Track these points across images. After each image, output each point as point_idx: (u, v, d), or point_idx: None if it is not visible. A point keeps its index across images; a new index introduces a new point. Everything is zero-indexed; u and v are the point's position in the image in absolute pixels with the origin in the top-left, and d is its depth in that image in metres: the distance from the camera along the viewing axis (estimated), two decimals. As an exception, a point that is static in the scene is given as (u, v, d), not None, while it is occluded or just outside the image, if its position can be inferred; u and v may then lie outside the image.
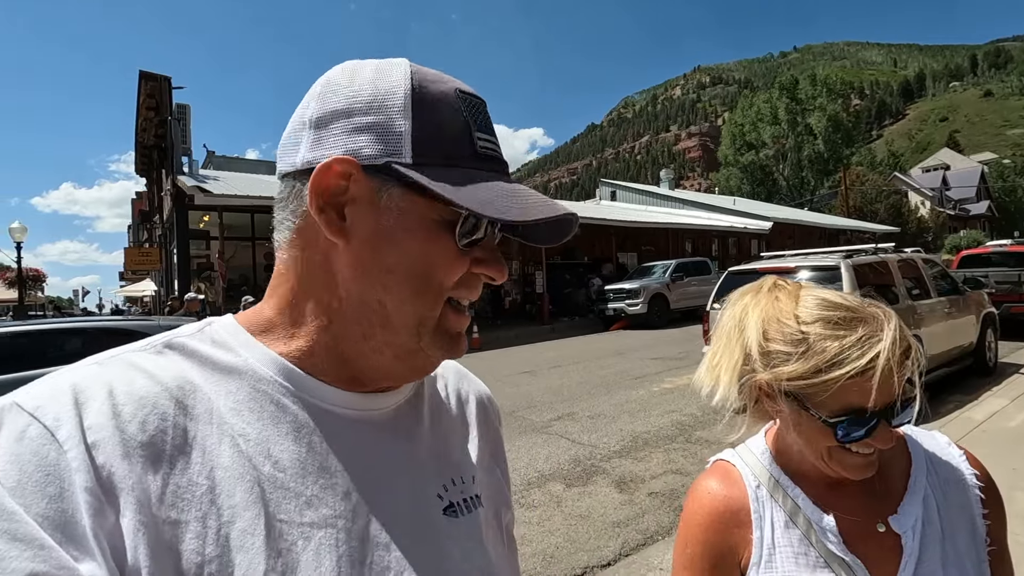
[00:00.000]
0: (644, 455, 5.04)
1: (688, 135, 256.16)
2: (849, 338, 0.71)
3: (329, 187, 0.48)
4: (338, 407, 0.52)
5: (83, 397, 0.43)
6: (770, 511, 0.82)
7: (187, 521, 0.42)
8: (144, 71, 14.60)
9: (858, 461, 0.75)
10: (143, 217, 25.79)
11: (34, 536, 0.38)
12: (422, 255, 0.49)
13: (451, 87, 0.52)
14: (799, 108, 48.81)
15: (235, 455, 0.46)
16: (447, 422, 0.63)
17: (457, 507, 0.56)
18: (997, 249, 12.40)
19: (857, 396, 0.70)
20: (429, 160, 0.49)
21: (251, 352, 0.51)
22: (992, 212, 59.28)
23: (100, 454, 0.41)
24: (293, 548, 0.45)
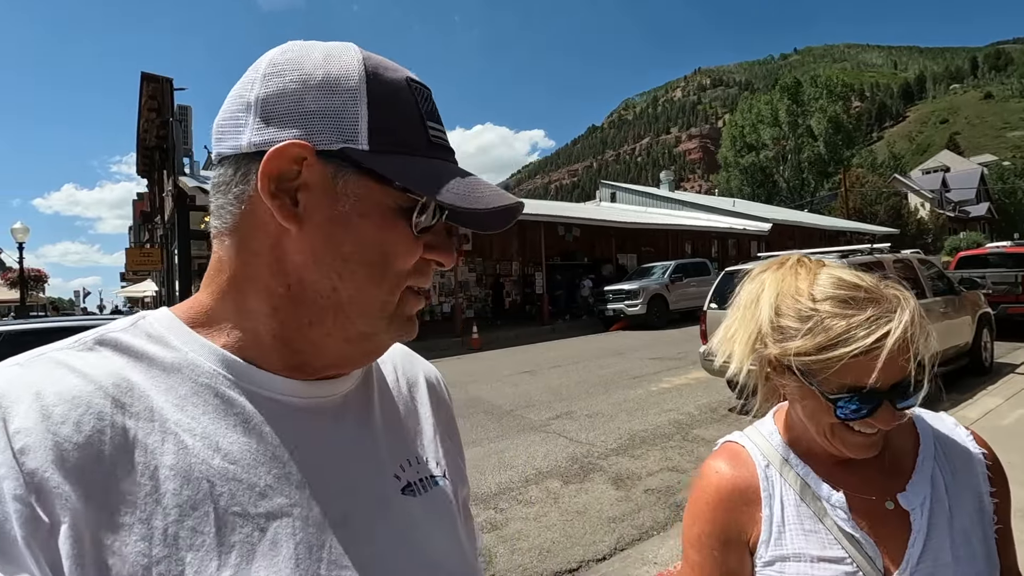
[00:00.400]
0: (641, 453, 5.08)
1: (688, 137, 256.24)
2: (857, 317, 0.71)
3: (282, 171, 0.47)
4: (286, 396, 0.51)
5: (7, 400, 0.41)
6: (779, 489, 0.82)
7: (130, 524, 0.41)
8: (146, 72, 14.65)
9: (859, 440, 0.75)
10: (144, 218, 25.85)
11: None
12: (379, 242, 0.49)
13: (402, 75, 0.52)
14: (800, 110, 48.86)
15: (181, 452, 0.44)
16: (398, 405, 0.63)
17: (415, 486, 0.56)
18: (995, 250, 12.44)
19: (861, 375, 0.70)
20: (385, 147, 0.48)
21: (189, 345, 0.49)
22: (992, 214, 59.26)
23: (30, 460, 0.39)
24: (248, 540, 0.44)
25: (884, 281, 0.77)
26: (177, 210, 13.66)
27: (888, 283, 0.77)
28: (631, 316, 15.25)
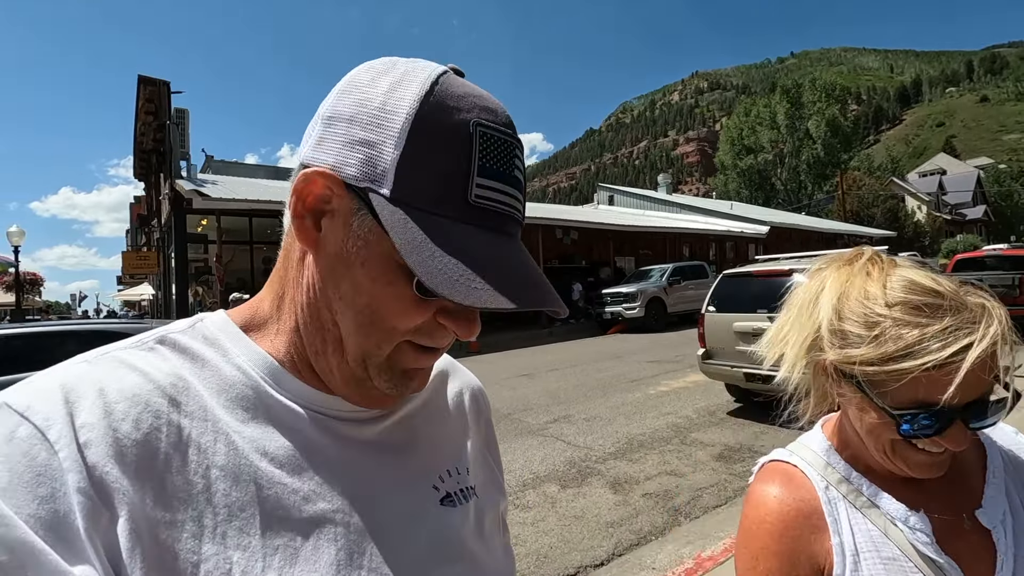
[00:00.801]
0: (639, 457, 5.06)
1: (686, 140, 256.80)
2: (931, 327, 0.63)
3: (311, 195, 0.46)
4: (327, 407, 0.51)
5: (73, 396, 0.42)
6: (845, 513, 0.73)
7: (183, 521, 0.42)
8: (143, 75, 14.63)
9: (923, 459, 0.68)
10: (141, 221, 25.79)
11: (25, 540, 0.37)
12: (372, 294, 0.46)
13: (469, 118, 0.45)
14: (798, 113, 49.01)
15: (231, 453, 0.45)
16: (439, 415, 0.62)
17: (454, 497, 0.56)
18: (992, 253, 12.48)
19: (932, 391, 0.62)
20: (410, 198, 0.44)
21: (241, 349, 0.51)
22: (988, 216, 59.49)
23: (92, 454, 0.40)
24: (291, 544, 0.45)
25: (966, 287, 0.68)
26: (174, 213, 13.62)
27: (971, 290, 0.68)
28: (629, 319, 15.23)
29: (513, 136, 0.48)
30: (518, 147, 0.48)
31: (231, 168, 22.97)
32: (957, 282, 0.69)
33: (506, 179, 0.46)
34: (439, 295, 0.42)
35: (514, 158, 0.47)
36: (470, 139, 0.45)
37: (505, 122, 0.48)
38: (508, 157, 0.47)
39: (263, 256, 15.34)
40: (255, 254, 15.10)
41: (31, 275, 18.47)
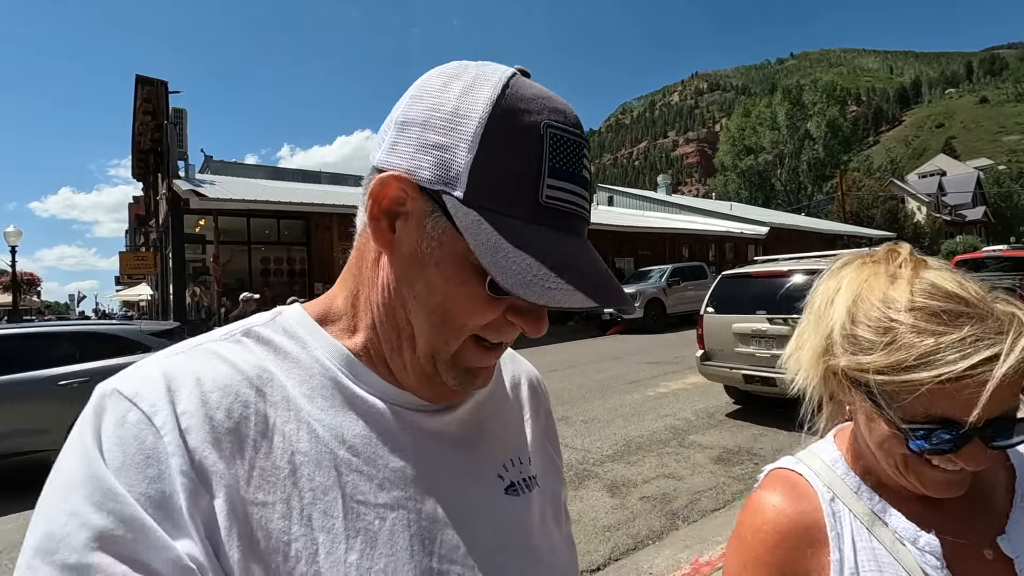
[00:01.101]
0: (637, 459, 5.02)
1: (686, 141, 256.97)
2: (949, 336, 0.58)
3: (386, 197, 0.48)
4: (398, 396, 0.53)
5: (174, 385, 0.45)
6: (850, 528, 0.68)
7: (273, 502, 0.44)
8: (140, 75, 14.56)
9: (939, 477, 0.62)
10: (140, 221, 25.76)
11: (136, 517, 0.40)
12: (445, 293, 0.48)
13: (540, 120, 0.46)
14: (800, 113, 49.00)
15: (312, 440, 0.48)
16: (502, 405, 0.64)
17: (517, 486, 0.58)
18: (992, 254, 12.44)
19: (948, 404, 0.58)
20: (483, 201, 0.45)
21: (318, 342, 0.53)
22: (988, 217, 59.48)
23: (192, 439, 0.43)
24: (370, 528, 0.47)
25: (996, 294, 0.62)
26: (171, 213, 13.57)
27: (1001, 297, 0.62)
28: (628, 320, 15.20)
29: (580, 136, 0.49)
30: (585, 147, 0.50)
31: (230, 168, 22.94)
32: (987, 288, 0.63)
33: (575, 179, 0.48)
34: (514, 295, 0.44)
35: (582, 158, 0.49)
36: (540, 140, 0.46)
37: (573, 122, 0.49)
38: (576, 157, 0.48)
39: (261, 256, 15.28)
40: (253, 254, 15.02)
41: (28, 275, 18.41)
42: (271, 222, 14.81)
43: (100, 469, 0.41)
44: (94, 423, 0.43)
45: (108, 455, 0.42)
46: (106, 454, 0.42)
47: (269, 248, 15.35)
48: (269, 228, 15.06)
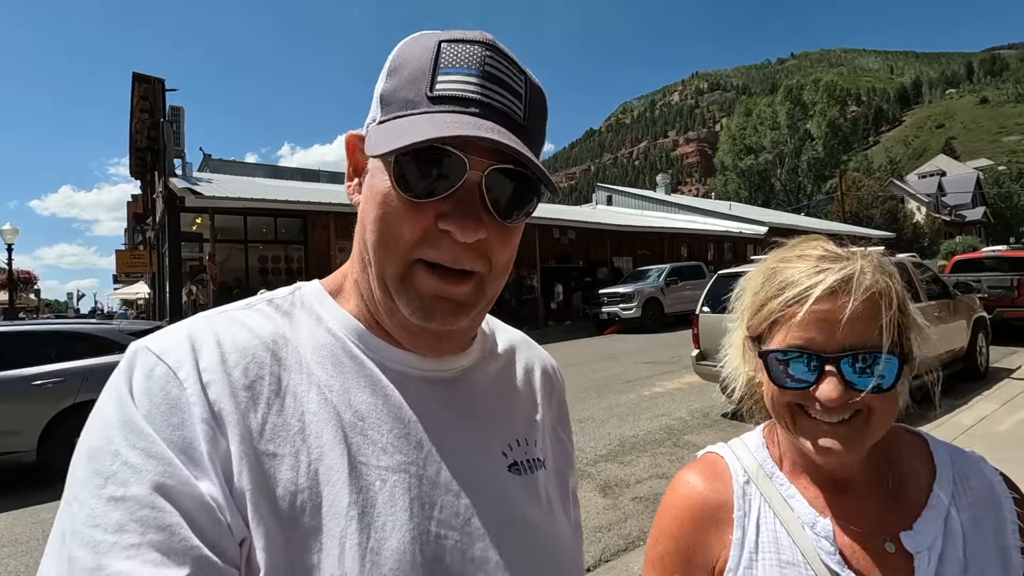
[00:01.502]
0: (631, 459, 4.99)
1: (686, 141, 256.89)
2: (802, 265, 0.66)
3: (352, 159, 0.57)
4: (406, 366, 0.56)
5: (198, 344, 0.50)
6: (757, 509, 0.72)
7: (283, 455, 0.48)
8: (137, 73, 14.52)
9: (823, 430, 0.64)
10: (137, 220, 25.71)
11: (164, 455, 0.44)
12: (378, 207, 0.52)
13: (434, 40, 0.52)
14: (801, 113, 48.91)
15: (321, 401, 0.51)
16: (513, 387, 0.66)
17: (521, 466, 0.59)
18: (991, 254, 12.40)
19: (800, 333, 0.63)
20: (389, 114, 0.52)
21: (331, 313, 0.57)
22: (988, 218, 59.43)
23: (212, 392, 0.47)
24: (371, 487, 0.49)
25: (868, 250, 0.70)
26: (167, 212, 13.53)
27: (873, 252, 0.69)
28: (626, 319, 15.16)
29: (484, 43, 0.53)
30: (491, 49, 0.53)
31: (229, 167, 22.90)
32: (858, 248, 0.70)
33: (470, 72, 0.51)
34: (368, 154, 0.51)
35: (484, 56, 0.52)
36: (432, 52, 0.52)
37: (473, 39, 0.53)
38: (476, 57, 0.52)
39: (258, 255, 15.24)
40: (250, 253, 14.98)
41: (24, 274, 18.38)
42: (268, 221, 14.77)
43: (134, 414, 0.46)
44: (127, 374, 0.48)
45: (139, 403, 0.46)
46: (137, 402, 0.46)
47: (266, 247, 15.31)
48: (266, 227, 15.02)
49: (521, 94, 0.54)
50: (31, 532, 4.22)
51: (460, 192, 0.50)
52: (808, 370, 0.63)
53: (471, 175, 0.50)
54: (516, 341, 0.72)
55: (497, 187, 0.51)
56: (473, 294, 0.54)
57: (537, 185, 0.54)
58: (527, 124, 0.54)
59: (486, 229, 0.51)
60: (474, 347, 0.63)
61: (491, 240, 0.52)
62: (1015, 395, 6.13)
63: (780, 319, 0.66)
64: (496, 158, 0.51)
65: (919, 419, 5.66)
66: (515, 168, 0.51)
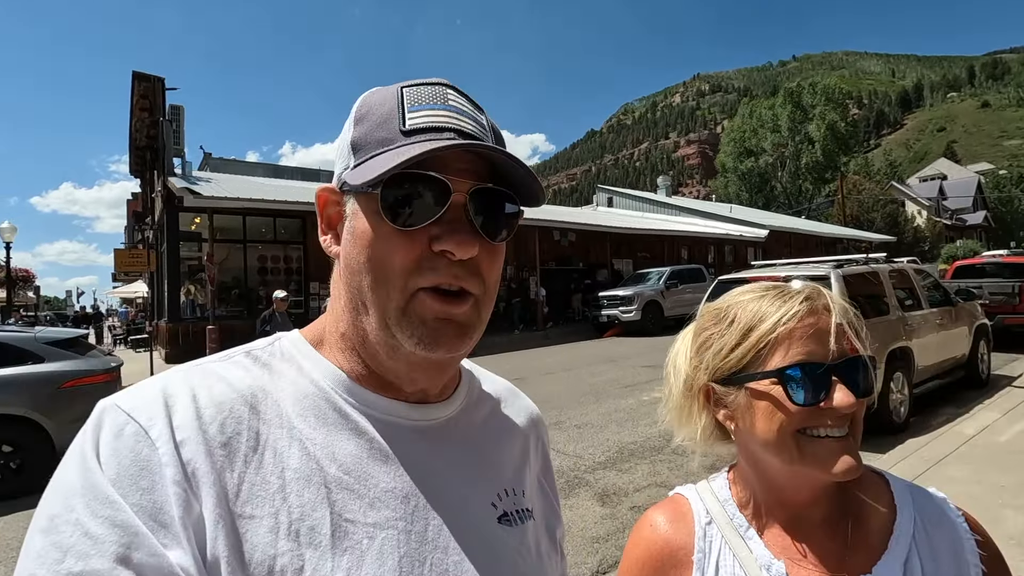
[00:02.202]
0: (629, 467, 4.94)
1: (687, 142, 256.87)
2: (768, 296, 0.71)
3: (324, 213, 0.57)
4: (391, 416, 0.55)
5: (171, 400, 0.48)
6: (717, 553, 0.73)
7: (261, 516, 0.46)
8: (137, 71, 14.46)
9: (832, 447, 0.65)
10: (137, 218, 25.67)
11: (130, 523, 0.42)
12: (367, 247, 0.52)
13: (395, 88, 0.55)
14: (801, 115, 48.85)
15: (303, 457, 0.49)
16: (498, 437, 0.65)
17: (511, 516, 0.58)
18: (992, 260, 12.35)
19: (799, 350, 0.66)
20: (363, 157, 0.52)
21: (313, 364, 0.56)
22: (988, 222, 59.42)
23: (186, 451, 0.45)
24: (358, 546, 0.48)
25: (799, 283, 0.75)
26: (166, 211, 13.49)
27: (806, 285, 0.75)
28: (625, 322, 15.12)
29: (444, 84, 0.56)
30: (451, 89, 0.56)
31: (229, 166, 22.86)
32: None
33: (437, 107, 0.54)
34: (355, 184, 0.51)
35: (447, 94, 0.55)
36: (395, 96, 0.54)
37: (432, 81, 0.56)
38: (439, 95, 0.55)
39: (257, 255, 15.19)
40: (249, 253, 14.93)
41: (23, 272, 18.33)
42: (267, 220, 14.72)
43: (99, 479, 0.43)
44: (93, 434, 0.46)
45: (105, 466, 0.44)
46: (104, 465, 0.44)
47: (265, 247, 15.25)
48: (265, 226, 14.97)
49: (485, 125, 0.56)
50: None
51: (447, 214, 0.51)
52: (818, 383, 0.65)
53: (456, 197, 0.51)
54: (500, 390, 0.71)
55: (481, 207, 0.53)
56: (473, 314, 0.54)
57: (516, 203, 0.55)
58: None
59: (478, 245, 0.52)
60: (458, 395, 0.62)
61: (481, 259, 0.53)
62: (1017, 404, 6.08)
63: (771, 342, 0.67)
64: (476, 179, 0.52)
65: (922, 428, 5.62)
66: (495, 187, 0.53)
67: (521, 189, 0.55)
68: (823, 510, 0.72)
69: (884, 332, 5.65)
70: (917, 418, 5.95)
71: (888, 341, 5.63)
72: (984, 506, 3.50)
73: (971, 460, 4.38)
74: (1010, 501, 3.59)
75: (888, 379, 5.49)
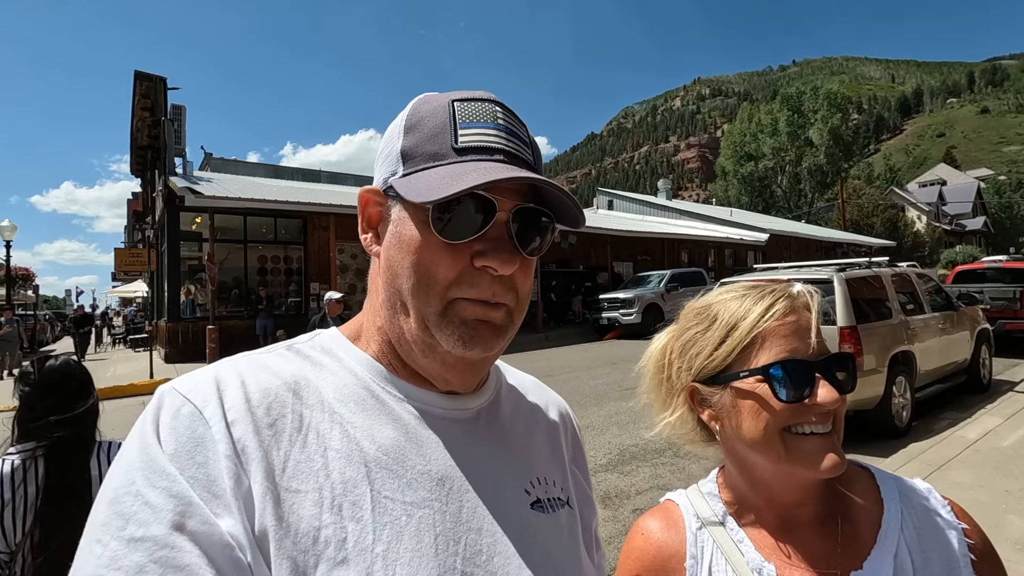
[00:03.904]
0: (631, 469, 4.93)
1: (687, 146, 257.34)
2: (750, 295, 0.72)
3: (365, 212, 0.60)
4: (425, 404, 0.58)
5: (223, 385, 0.52)
6: (709, 557, 0.73)
7: (306, 491, 0.49)
8: (139, 71, 14.44)
9: (818, 444, 0.66)
10: (137, 218, 25.64)
11: (185, 494, 0.45)
12: (413, 253, 0.54)
13: (446, 99, 0.57)
14: (800, 120, 48.91)
15: (344, 438, 0.52)
16: (529, 427, 0.67)
17: (544, 504, 0.60)
18: (992, 265, 12.36)
19: (782, 347, 0.68)
20: (413, 167, 0.55)
21: (350, 355, 0.60)
22: (988, 228, 59.51)
23: (236, 430, 0.49)
24: (397, 522, 0.50)
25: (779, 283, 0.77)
26: (167, 210, 13.47)
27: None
28: (626, 325, 15.12)
29: (493, 101, 0.58)
30: (499, 106, 0.58)
31: (230, 166, 22.86)
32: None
33: (487, 125, 0.56)
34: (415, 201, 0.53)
35: (496, 112, 0.57)
36: (447, 109, 0.57)
37: (481, 97, 0.58)
38: (489, 113, 0.57)
39: (258, 255, 15.17)
40: (250, 253, 14.91)
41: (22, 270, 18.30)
42: (268, 221, 14.70)
43: (157, 454, 0.47)
44: (154, 415, 0.49)
45: (164, 442, 0.47)
46: (163, 442, 0.47)
47: (266, 247, 15.21)
48: (266, 226, 14.95)
49: (528, 142, 0.59)
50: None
51: (492, 231, 0.54)
52: (802, 379, 0.66)
53: (500, 215, 0.54)
54: (527, 383, 0.74)
55: (521, 224, 0.56)
56: (507, 318, 0.57)
57: (551, 220, 0.58)
58: (536, 167, 0.59)
59: (519, 261, 0.56)
60: (488, 387, 0.65)
61: (516, 273, 0.56)
62: (1019, 409, 6.07)
63: (753, 339, 0.69)
64: (519, 197, 0.56)
65: (924, 432, 5.61)
66: (534, 206, 0.56)
67: (558, 206, 0.58)
68: (812, 509, 0.73)
69: (886, 336, 5.64)
70: (919, 422, 5.94)
71: (890, 345, 5.62)
72: (988, 511, 3.50)
73: (974, 465, 4.37)
74: (1014, 506, 3.58)
75: (890, 383, 5.48)
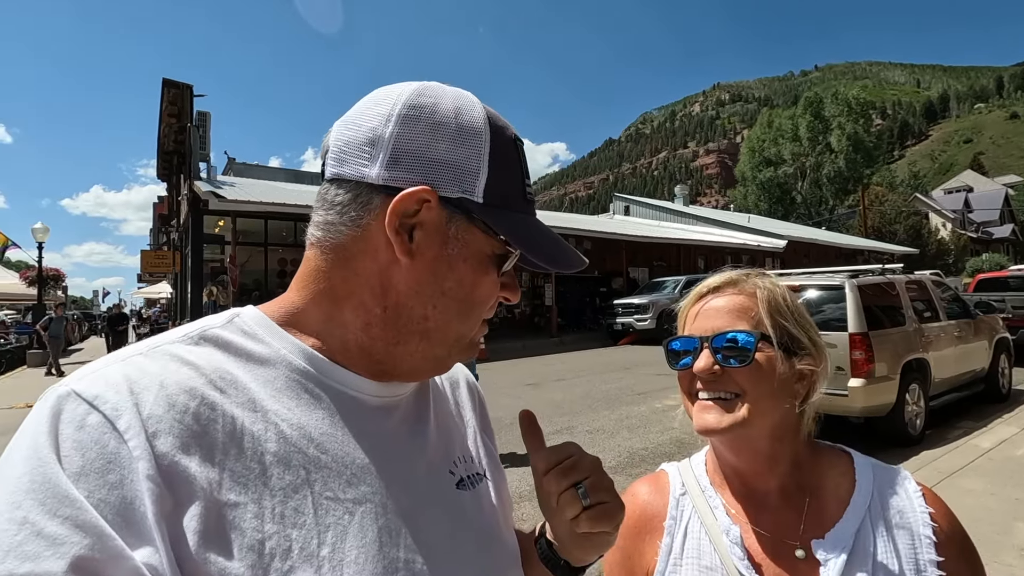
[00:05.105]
0: (639, 472, 4.96)
1: (706, 152, 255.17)
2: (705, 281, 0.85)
3: (406, 210, 0.52)
4: (363, 394, 0.56)
5: (137, 388, 0.45)
6: (687, 520, 0.81)
7: (245, 503, 0.45)
8: (167, 79, 14.93)
9: (701, 407, 0.77)
10: (162, 221, 26.26)
11: (93, 523, 0.39)
12: (474, 283, 0.55)
13: (512, 133, 0.58)
14: (821, 126, 48.29)
15: (280, 440, 0.49)
16: (446, 405, 0.69)
17: (466, 481, 0.62)
18: (1016, 273, 12.11)
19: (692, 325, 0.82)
20: (494, 201, 0.55)
21: (281, 342, 0.54)
22: (1016, 236, 57.97)
23: (160, 444, 0.43)
24: (340, 522, 0.49)
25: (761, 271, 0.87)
26: (191, 214, 13.84)
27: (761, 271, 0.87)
28: (640, 330, 15.08)
29: (523, 140, 0.61)
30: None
31: (252, 171, 23.32)
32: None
33: (529, 176, 0.60)
34: (545, 269, 0.57)
35: (526, 155, 0.60)
36: (515, 148, 0.58)
37: (520, 139, 0.60)
38: (526, 157, 0.60)
39: (278, 258, 15.49)
40: (270, 256, 15.25)
41: (53, 271, 18.92)
42: (288, 224, 15.01)
43: (56, 474, 0.40)
44: (49, 424, 0.42)
45: (66, 460, 0.40)
46: (63, 459, 0.40)
47: (285, 250, 15.55)
48: (286, 230, 15.27)
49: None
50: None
51: (512, 266, 0.60)
52: (690, 352, 0.79)
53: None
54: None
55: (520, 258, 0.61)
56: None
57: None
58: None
59: None
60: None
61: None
62: (1037, 419, 5.98)
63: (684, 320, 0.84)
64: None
65: (938, 441, 5.56)
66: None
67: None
68: (775, 481, 0.79)
69: (899, 343, 5.61)
70: (933, 431, 5.88)
71: (903, 352, 5.59)
72: (997, 518, 3.48)
73: (986, 473, 4.33)
74: (1023, 514, 3.56)
75: (903, 391, 5.45)
